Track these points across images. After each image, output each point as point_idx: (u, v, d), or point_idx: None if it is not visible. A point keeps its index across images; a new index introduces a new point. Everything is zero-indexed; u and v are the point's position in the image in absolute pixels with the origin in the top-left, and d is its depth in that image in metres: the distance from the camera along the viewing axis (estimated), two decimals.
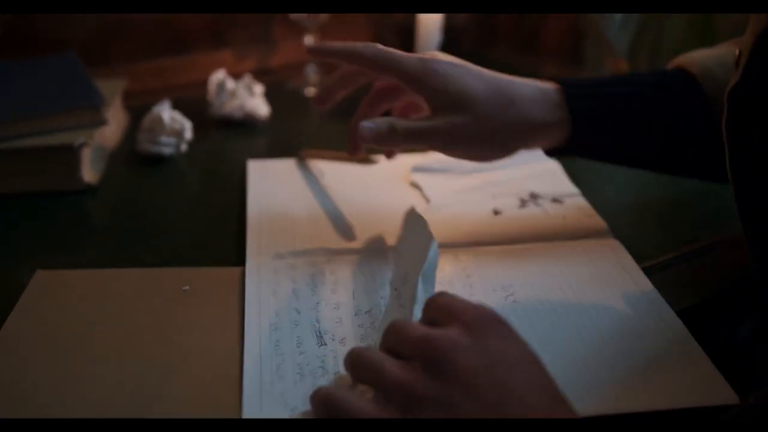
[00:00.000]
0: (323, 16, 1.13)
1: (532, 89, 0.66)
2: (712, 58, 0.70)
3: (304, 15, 1.11)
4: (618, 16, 1.13)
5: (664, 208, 0.81)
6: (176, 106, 0.99)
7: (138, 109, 1.01)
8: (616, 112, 0.68)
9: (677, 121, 0.68)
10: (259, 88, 1.03)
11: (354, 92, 0.73)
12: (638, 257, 0.69)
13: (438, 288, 0.62)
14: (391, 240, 0.72)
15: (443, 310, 0.48)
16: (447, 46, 1.12)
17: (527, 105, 0.65)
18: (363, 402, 0.45)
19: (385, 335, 0.49)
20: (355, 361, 0.48)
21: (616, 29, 1.15)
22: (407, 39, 1.06)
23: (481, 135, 0.64)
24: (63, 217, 0.78)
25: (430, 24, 0.99)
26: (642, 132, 0.68)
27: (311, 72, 1.15)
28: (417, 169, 0.86)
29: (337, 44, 0.66)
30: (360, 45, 0.65)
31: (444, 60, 0.65)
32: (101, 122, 0.85)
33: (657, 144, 0.69)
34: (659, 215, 0.80)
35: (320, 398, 0.47)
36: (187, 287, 0.63)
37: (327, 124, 1.06)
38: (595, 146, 0.70)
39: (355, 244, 0.71)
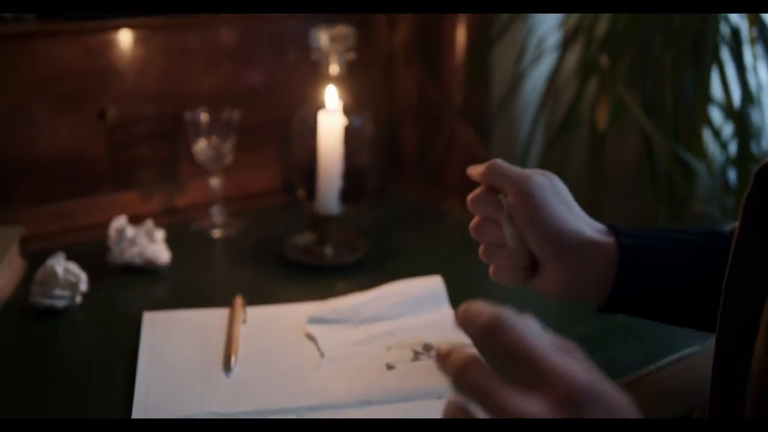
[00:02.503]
0: (228, 158, 1.15)
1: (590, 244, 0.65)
2: None
3: (211, 157, 1.13)
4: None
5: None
6: (76, 251, 0.98)
7: (37, 253, 1.00)
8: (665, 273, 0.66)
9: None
10: (160, 234, 1.03)
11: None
12: None
13: None
14: (279, 402, 0.71)
15: (521, 362, 0.41)
16: (351, 187, 1.15)
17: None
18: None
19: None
20: None
21: None
22: (311, 180, 1.08)
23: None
24: None
25: (331, 167, 1.02)
26: (688, 293, 0.67)
27: (216, 213, 1.16)
28: (313, 320, 0.86)
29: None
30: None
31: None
32: None
33: (700, 304, 0.67)
34: None
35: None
36: None
37: (229, 269, 1.06)
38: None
39: (246, 406, 0.71)
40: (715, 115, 1.31)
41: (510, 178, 0.65)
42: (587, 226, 0.66)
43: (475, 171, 0.70)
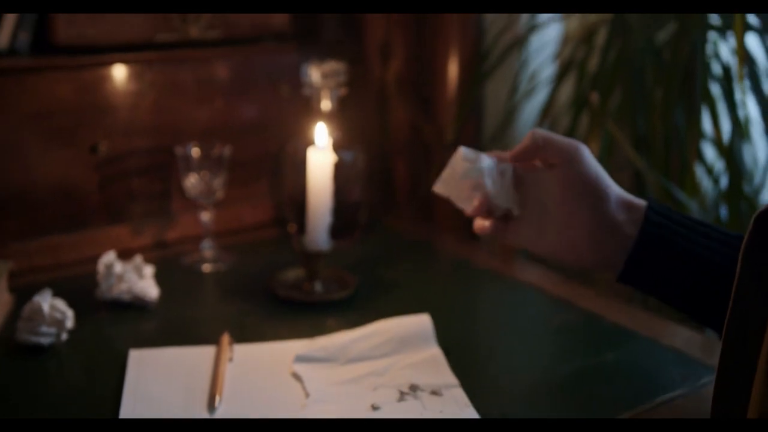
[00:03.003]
0: (219, 193, 1.15)
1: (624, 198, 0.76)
2: None
3: (201, 192, 1.13)
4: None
5: (556, 390, 0.83)
6: (65, 285, 0.98)
7: (26, 287, 1.00)
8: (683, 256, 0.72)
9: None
10: (149, 270, 1.03)
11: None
12: None
13: None
14: None
15: None
16: (342, 222, 1.15)
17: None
18: None
19: None
20: None
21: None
22: (302, 214, 1.08)
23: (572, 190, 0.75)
24: None
25: (320, 204, 1.02)
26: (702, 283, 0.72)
27: (206, 247, 1.16)
28: (300, 358, 0.86)
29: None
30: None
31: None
32: None
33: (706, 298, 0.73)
34: (551, 396, 0.81)
35: None
36: None
37: (218, 305, 1.06)
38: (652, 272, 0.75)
39: None
40: (708, 150, 1.31)
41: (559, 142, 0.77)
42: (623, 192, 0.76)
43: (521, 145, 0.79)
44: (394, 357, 0.86)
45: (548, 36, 1.49)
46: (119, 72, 1.16)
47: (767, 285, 0.57)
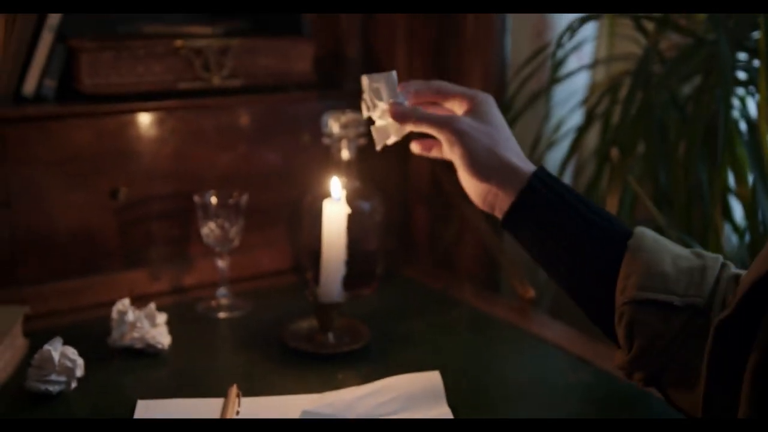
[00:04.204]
0: (236, 241, 1.15)
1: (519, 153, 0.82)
2: (670, 253, 0.73)
3: (218, 239, 1.13)
4: None
5: None
6: (79, 330, 0.99)
7: (41, 332, 1.01)
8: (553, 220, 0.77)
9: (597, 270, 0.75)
10: (162, 318, 1.03)
11: None
12: None
13: None
14: None
15: None
16: (359, 272, 1.15)
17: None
18: None
19: None
20: None
21: None
22: (317, 263, 1.08)
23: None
24: None
25: (335, 256, 1.02)
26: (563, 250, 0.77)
27: (222, 294, 1.16)
28: (306, 413, 0.85)
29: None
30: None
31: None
32: None
33: (569, 267, 0.77)
34: None
35: None
36: None
37: (230, 355, 1.05)
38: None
39: None
40: (736, 206, 1.29)
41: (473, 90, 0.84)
42: (515, 155, 0.81)
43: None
44: (401, 415, 0.85)
45: (577, 84, 1.49)
46: (141, 119, 1.17)
47: (733, 389, 0.57)
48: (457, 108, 0.85)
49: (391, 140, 0.88)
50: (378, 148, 0.90)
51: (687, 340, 0.65)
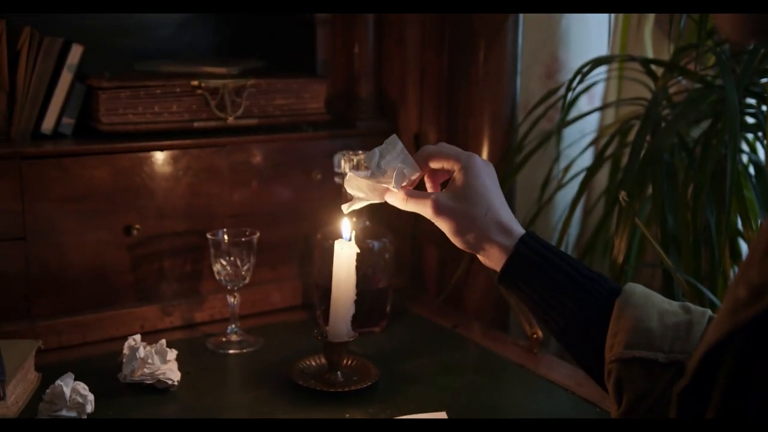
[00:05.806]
0: (247, 278, 1.16)
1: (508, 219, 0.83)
2: (657, 308, 0.74)
3: (230, 276, 1.14)
4: None
5: None
6: (91, 365, 1.00)
7: (53, 366, 1.02)
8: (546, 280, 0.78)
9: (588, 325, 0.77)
10: (172, 354, 1.04)
11: None
12: None
13: None
14: None
15: None
16: (369, 310, 1.16)
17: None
18: None
19: None
20: None
21: None
22: (327, 301, 1.09)
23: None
24: None
25: (344, 296, 1.03)
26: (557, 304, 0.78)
27: (232, 331, 1.17)
28: None
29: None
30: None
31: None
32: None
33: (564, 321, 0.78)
34: None
35: None
36: None
37: (238, 392, 1.06)
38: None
39: None
40: (744, 247, 1.29)
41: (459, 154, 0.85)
42: (495, 224, 0.82)
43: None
44: None
45: (587, 125, 1.50)
46: (156, 157, 1.19)
47: None
48: (449, 167, 0.87)
49: (360, 205, 0.91)
50: (346, 209, 0.92)
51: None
